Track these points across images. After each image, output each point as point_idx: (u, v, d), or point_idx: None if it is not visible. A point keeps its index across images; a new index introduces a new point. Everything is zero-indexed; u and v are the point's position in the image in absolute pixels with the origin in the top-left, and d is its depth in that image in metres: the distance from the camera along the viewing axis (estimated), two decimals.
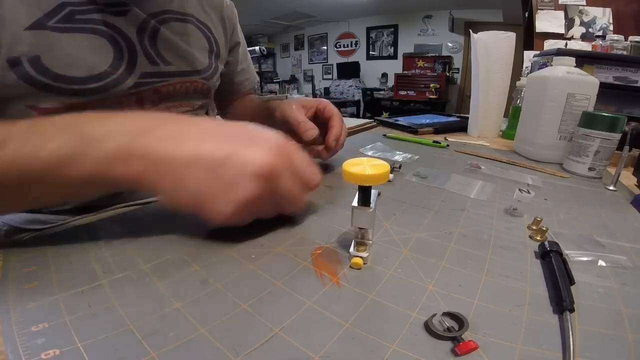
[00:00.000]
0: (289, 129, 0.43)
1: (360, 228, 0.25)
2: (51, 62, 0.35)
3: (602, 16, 1.38)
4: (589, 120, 0.49)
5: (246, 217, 0.26)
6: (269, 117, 0.49)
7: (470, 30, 0.76)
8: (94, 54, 0.37)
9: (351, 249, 0.25)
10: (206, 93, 0.53)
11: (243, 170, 0.24)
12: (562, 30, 1.41)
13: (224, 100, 0.66)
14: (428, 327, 0.18)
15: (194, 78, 0.49)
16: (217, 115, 0.69)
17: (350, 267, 0.24)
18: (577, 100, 0.53)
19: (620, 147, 0.48)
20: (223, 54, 0.56)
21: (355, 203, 0.24)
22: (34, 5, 0.33)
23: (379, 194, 0.38)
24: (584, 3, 1.40)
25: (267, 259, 0.25)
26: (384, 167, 0.23)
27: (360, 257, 0.24)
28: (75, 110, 0.39)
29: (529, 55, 1.24)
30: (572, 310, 0.20)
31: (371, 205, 0.24)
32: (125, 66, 0.40)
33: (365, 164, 0.23)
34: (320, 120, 0.46)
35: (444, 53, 4.91)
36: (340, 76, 5.95)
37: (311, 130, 0.42)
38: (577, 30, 1.40)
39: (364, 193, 0.24)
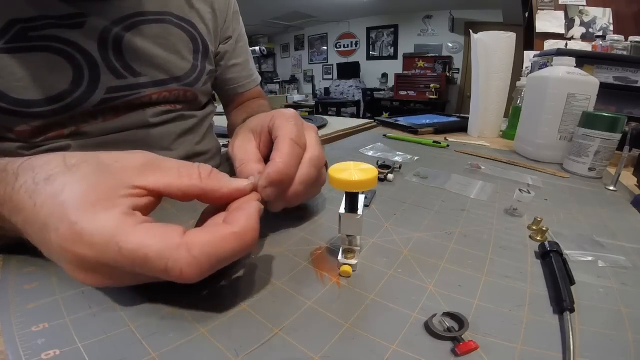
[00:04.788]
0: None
1: (347, 235, 0.24)
2: (5, 86, 0.33)
3: (602, 16, 1.38)
4: (589, 120, 0.49)
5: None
6: None
7: (470, 30, 0.76)
8: (50, 74, 0.35)
9: (339, 257, 0.24)
10: (191, 99, 0.49)
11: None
12: (562, 30, 1.41)
13: (224, 102, 0.61)
14: (428, 327, 0.18)
15: (172, 86, 0.45)
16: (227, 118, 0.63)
17: (340, 274, 0.23)
18: (577, 100, 0.53)
19: (620, 147, 0.48)
20: (214, 51, 0.51)
21: (342, 209, 0.23)
22: None
23: (374, 194, 0.38)
24: (584, 3, 1.40)
25: (267, 258, 0.25)
26: (372, 171, 0.22)
27: (349, 264, 0.24)
28: (44, 130, 0.38)
29: (529, 55, 1.24)
30: (572, 310, 0.20)
31: (359, 211, 0.23)
32: (87, 83, 0.38)
33: (352, 169, 0.22)
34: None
35: (444, 53, 4.91)
36: (340, 76, 5.95)
37: (250, 179, 0.24)
38: (577, 30, 1.40)
39: (351, 199, 0.23)
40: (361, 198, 0.24)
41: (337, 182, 0.21)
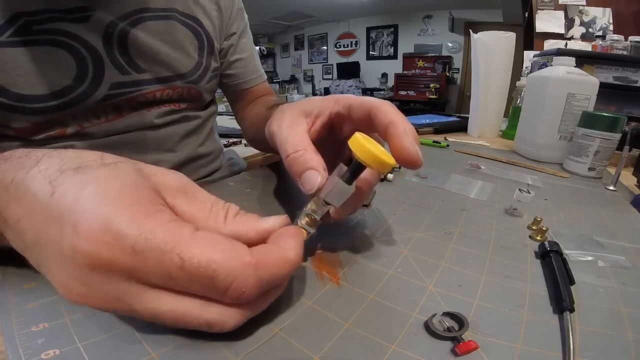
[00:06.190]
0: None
1: (325, 203, 0.22)
2: (7, 81, 0.33)
3: (602, 16, 1.38)
4: (589, 120, 0.49)
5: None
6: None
7: (470, 30, 0.76)
8: (54, 69, 0.35)
9: (299, 220, 0.22)
10: (195, 97, 0.49)
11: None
12: (562, 30, 1.41)
13: (231, 100, 0.59)
14: (428, 327, 0.18)
15: (176, 84, 0.45)
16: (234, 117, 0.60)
17: None
18: (577, 100, 0.53)
19: (620, 147, 0.48)
20: (218, 48, 0.51)
21: (339, 176, 0.21)
22: None
23: (374, 194, 0.38)
24: (584, 3, 1.41)
25: None
26: (391, 158, 0.21)
27: (307, 230, 0.22)
28: (45, 128, 0.38)
29: (529, 55, 1.24)
30: (572, 310, 0.20)
31: (353, 184, 0.22)
32: (92, 78, 0.37)
33: (377, 145, 0.20)
34: (346, 132, 0.27)
35: (444, 53, 4.92)
36: (340, 76, 5.96)
37: (310, 174, 0.22)
38: (577, 30, 1.40)
39: (356, 171, 0.21)
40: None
41: (365, 152, 0.20)
